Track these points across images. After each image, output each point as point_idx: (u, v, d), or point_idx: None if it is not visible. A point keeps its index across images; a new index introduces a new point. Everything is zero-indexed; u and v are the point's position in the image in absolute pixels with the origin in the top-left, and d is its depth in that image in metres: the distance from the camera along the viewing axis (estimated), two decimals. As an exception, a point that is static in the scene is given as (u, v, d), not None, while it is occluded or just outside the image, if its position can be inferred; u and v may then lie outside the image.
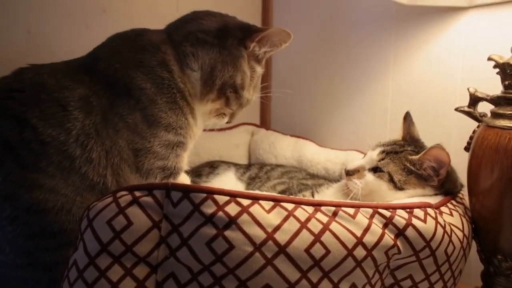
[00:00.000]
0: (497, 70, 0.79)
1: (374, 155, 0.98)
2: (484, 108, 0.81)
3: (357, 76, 1.27)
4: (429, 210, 0.76)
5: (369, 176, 0.96)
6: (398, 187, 0.92)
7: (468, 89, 0.83)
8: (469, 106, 0.83)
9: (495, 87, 0.79)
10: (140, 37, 0.92)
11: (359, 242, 0.69)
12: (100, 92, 0.86)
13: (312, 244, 0.66)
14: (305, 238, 0.66)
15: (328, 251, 0.67)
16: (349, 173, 0.98)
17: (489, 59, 0.79)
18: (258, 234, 0.65)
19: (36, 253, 0.78)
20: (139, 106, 0.86)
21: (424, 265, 0.75)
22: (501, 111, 0.77)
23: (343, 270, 0.68)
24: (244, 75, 0.94)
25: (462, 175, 0.83)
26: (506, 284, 0.76)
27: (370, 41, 1.23)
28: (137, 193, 0.68)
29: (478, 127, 0.81)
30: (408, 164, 0.93)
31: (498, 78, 0.80)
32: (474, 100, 0.82)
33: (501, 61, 0.77)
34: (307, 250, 0.66)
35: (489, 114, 0.81)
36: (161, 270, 0.67)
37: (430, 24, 1.07)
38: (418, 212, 0.75)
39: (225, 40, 0.92)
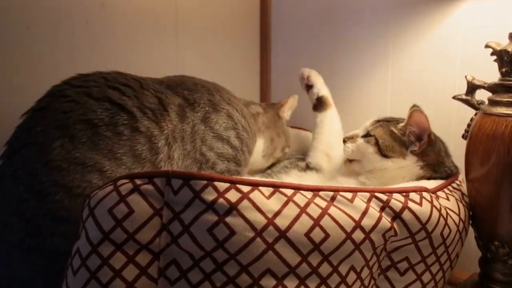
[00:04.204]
0: (495, 57, 0.75)
1: (368, 124, 0.99)
2: (483, 96, 0.78)
3: (356, 66, 1.23)
4: (425, 194, 0.74)
5: (360, 140, 0.96)
6: (383, 154, 0.92)
7: (465, 77, 0.79)
8: (466, 94, 0.79)
9: (495, 74, 0.76)
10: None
11: (358, 225, 0.67)
12: (195, 106, 0.91)
13: (312, 229, 0.64)
14: (304, 222, 0.64)
15: (327, 235, 0.64)
16: (345, 140, 1.01)
17: (487, 46, 0.75)
18: (258, 219, 0.62)
19: (50, 238, 0.73)
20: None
21: (420, 247, 0.73)
22: (498, 99, 0.73)
23: (342, 253, 0.66)
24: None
25: (461, 162, 0.79)
26: (503, 270, 0.74)
27: (369, 30, 1.19)
28: (138, 181, 0.65)
29: (475, 114, 0.78)
30: (394, 129, 0.92)
31: (497, 65, 0.77)
32: (472, 87, 0.79)
33: (498, 48, 0.73)
34: (307, 234, 0.63)
35: (486, 102, 0.78)
36: (163, 257, 0.64)
37: (429, 12, 1.03)
38: (414, 195, 0.73)
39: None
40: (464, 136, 0.79)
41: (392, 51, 1.12)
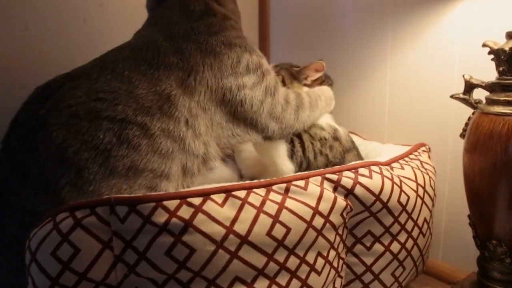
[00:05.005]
0: (492, 56, 0.72)
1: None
2: (481, 95, 0.75)
3: (354, 65, 1.18)
4: (373, 167, 0.73)
5: None
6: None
7: (463, 76, 0.76)
8: (464, 93, 0.76)
9: (493, 73, 0.73)
10: None
11: (316, 211, 0.65)
12: (193, 70, 0.76)
13: (272, 226, 0.61)
14: (264, 222, 0.61)
15: (289, 229, 0.62)
16: None
17: (484, 45, 0.72)
18: (217, 230, 0.58)
19: None
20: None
21: (380, 218, 0.72)
22: (495, 97, 0.70)
23: (307, 243, 0.64)
24: None
25: (458, 161, 0.76)
26: (500, 269, 0.72)
27: (368, 30, 1.13)
28: (78, 214, 0.58)
29: (473, 113, 0.75)
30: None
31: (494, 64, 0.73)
32: (469, 87, 0.75)
33: (495, 47, 0.70)
34: (268, 234, 0.60)
35: (484, 101, 0.74)
36: (124, 289, 0.58)
37: (427, 11, 0.98)
38: (363, 170, 0.71)
39: None
40: (462, 135, 0.76)
41: (391, 51, 1.06)
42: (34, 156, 0.67)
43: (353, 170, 0.71)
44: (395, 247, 0.75)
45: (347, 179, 0.69)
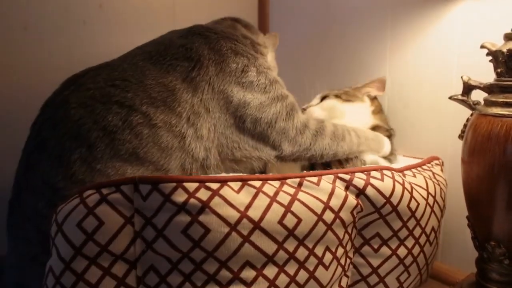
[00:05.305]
0: (490, 57, 0.72)
1: (316, 100, 1.04)
2: (480, 96, 0.75)
3: (354, 65, 1.18)
4: (386, 172, 0.75)
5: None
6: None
7: (461, 77, 0.76)
8: (462, 95, 0.76)
9: (491, 75, 0.73)
10: None
11: (327, 206, 0.67)
12: (198, 62, 0.79)
13: (284, 215, 0.63)
14: (276, 210, 0.63)
15: (299, 220, 0.64)
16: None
17: (482, 46, 0.72)
18: (231, 214, 0.61)
19: None
20: None
21: (389, 221, 0.73)
22: (493, 99, 0.70)
23: (316, 235, 0.66)
24: None
25: (457, 162, 0.76)
26: (499, 270, 0.71)
27: (367, 31, 1.13)
28: (104, 191, 0.62)
29: (471, 115, 0.75)
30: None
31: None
32: (468, 88, 0.75)
33: (493, 49, 0.70)
34: (280, 222, 0.63)
35: (482, 102, 0.74)
36: (140, 265, 0.62)
37: (426, 11, 0.98)
38: (375, 173, 0.73)
39: None
40: (460, 136, 0.77)
41: (390, 51, 1.07)
42: (54, 130, 0.72)
43: (365, 172, 0.73)
44: (402, 251, 0.76)
45: (359, 180, 0.71)
